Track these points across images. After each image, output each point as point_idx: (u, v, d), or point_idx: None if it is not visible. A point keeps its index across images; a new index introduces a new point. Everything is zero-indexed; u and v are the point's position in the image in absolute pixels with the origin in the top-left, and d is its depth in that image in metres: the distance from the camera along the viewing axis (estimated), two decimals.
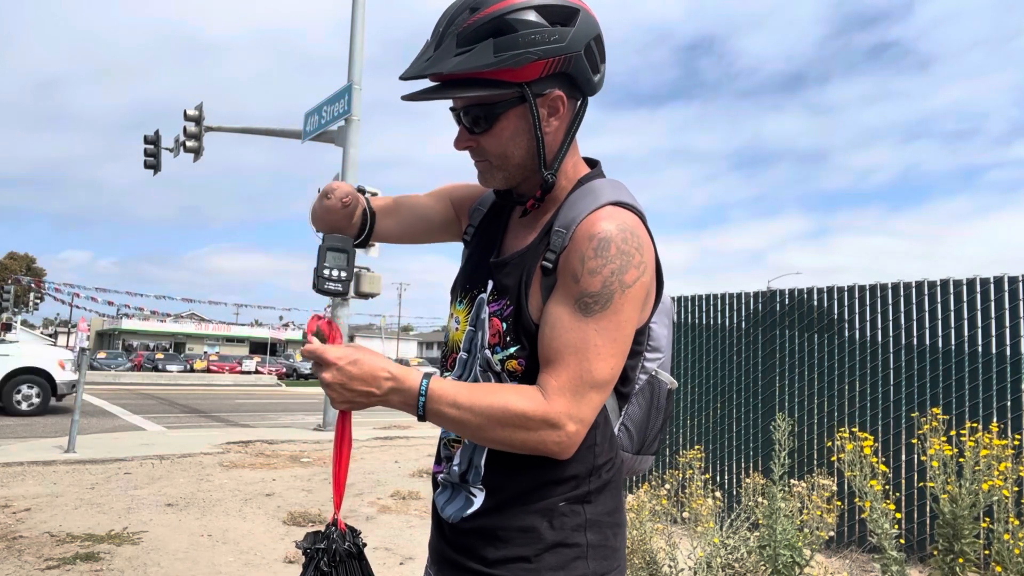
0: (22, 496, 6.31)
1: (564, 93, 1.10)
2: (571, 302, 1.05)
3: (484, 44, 1.04)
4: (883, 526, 3.69)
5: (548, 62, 1.06)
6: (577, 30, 1.07)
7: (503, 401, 1.04)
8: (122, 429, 12.45)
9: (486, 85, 1.07)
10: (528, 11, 1.04)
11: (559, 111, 1.11)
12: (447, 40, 1.06)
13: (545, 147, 1.12)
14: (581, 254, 1.06)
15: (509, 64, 1.04)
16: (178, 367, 41.90)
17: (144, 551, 4.78)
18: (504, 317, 1.14)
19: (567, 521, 1.12)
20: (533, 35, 1.04)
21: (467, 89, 1.07)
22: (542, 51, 1.05)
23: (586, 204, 1.10)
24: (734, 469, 6.22)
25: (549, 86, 1.09)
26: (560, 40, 1.05)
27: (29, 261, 60.47)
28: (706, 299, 6.71)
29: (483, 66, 1.04)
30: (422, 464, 8.85)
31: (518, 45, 1.04)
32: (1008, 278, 4.93)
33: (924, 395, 5.19)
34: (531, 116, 1.10)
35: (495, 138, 1.12)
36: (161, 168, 16.96)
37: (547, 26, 1.05)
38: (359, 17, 13.62)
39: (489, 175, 1.17)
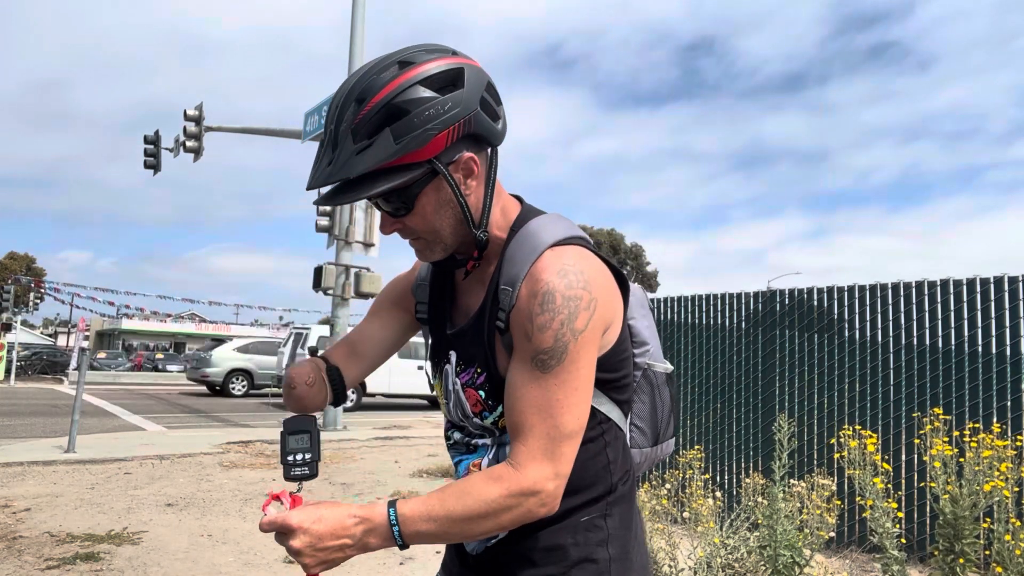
0: (22, 496, 6.31)
1: (473, 152, 1.09)
2: (527, 362, 1.05)
3: (382, 135, 1.02)
4: (884, 525, 3.69)
5: (449, 131, 1.04)
6: (467, 89, 1.06)
7: (478, 495, 1.03)
8: (122, 429, 12.45)
9: (396, 173, 1.05)
10: (414, 88, 1.03)
11: (474, 171, 1.10)
12: (342, 140, 1.04)
13: (470, 209, 1.11)
14: (528, 312, 1.05)
15: (412, 147, 1.03)
16: (178, 367, 41.86)
17: (144, 551, 4.78)
18: (478, 385, 1.15)
19: (591, 536, 1.15)
20: (427, 111, 1.02)
21: (378, 183, 1.05)
22: (441, 123, 1.03)
23: (525, 255, 1.09)
24: (734, 469, 6.22)
25: (457, 152, 1.07)
26: (455, 106, 1.04)
27: (29, 261, 60.45)
28: (706, 299, 6.71)
29: (387, 157, 1.03)
30: (422, 464, 8.85)
31: (415, 126, 1.02)
32: (1008, 278, 4.92)
33: (924, 395, 5.18)
34: (448, 186, 1.09)
35: (419, 217, 1.11)
36: (161, 168, 16.96)
37: (438, 97, 1.03)
38: (359, 17, 13.62)
39: (427, 251, 1.16)
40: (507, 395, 1.08)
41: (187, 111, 16.04)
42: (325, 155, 1.06)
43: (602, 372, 1.13)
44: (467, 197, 1.11)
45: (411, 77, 1.03)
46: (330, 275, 13.00)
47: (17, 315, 40.33)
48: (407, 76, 1.03)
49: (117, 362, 40.56)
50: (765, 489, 4.12)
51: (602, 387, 1.15)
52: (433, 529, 1.04)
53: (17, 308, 44.37)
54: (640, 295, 1.30)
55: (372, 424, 14.06)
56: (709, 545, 3.94)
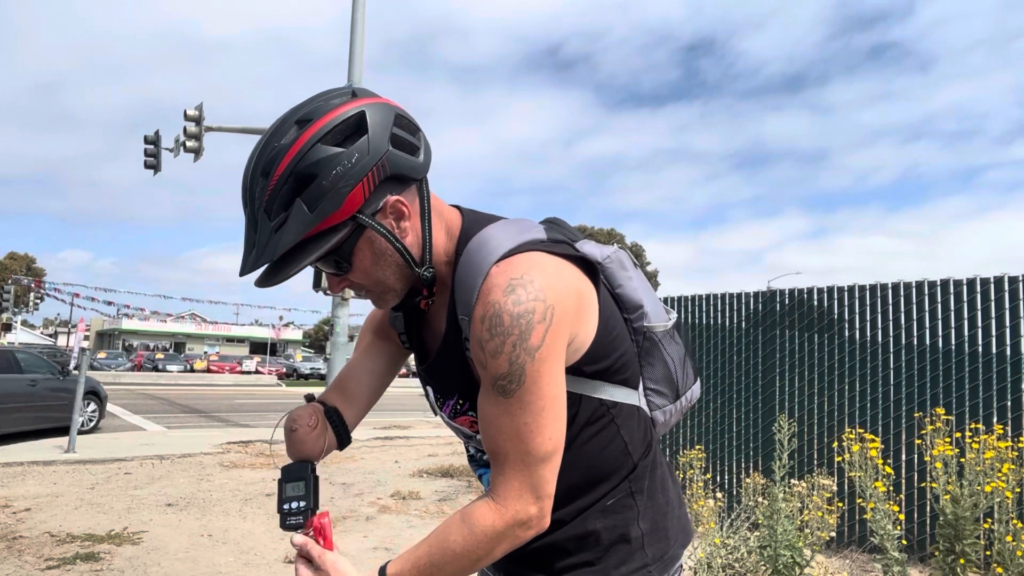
0: (22, 496, 6.31)
1: (398, 194, 1.03)
2: (489, 389, 1.02)
3: (295, 207, 0.98)
4: (885, 527, 3.69)
5: (364, 183, 0.99)
6: (372, 133, 1.00)
7: (464, 540, 1.01)
8: (122, 429, 12.46)
9: (321, 238, 1.01)
10: (316, 148, 0.98)
11: (404, 213, 1.04)
12: (260, 220, 1.00)
13: (409, 252, 1.07)
14: (479, 340, 1.00)
15: (329, 211, 0.98)
16: (178, 367, 41.90)
17: (144, 551, 4.78)
18: (465, 411, 1.14)
19: (620, 518, 1.14)
20: (333, 170, 0.97)
21: (306, 254, 1.00)
22: (352, 178, 0.98)
23: (472, 280, 1.03)
24: (734, 469, 6.22)
25: (380, 199, 1.02)
26: (363, 155, 0.98)
27: (29, 261, 60.48)
28: (706, 299, 6.71)
29: (305, 229, 0.98)
30: (422, 464, 8.85)
31: (325, 189, 0.97)
32: (1008, 278, 4.92)
33: (924, 395, 5.18)
34: (380, 235, 1.04)
35: (361, 272, 1.07)
36: (161, 168, 16.95)
37: (343, 151, 0.98)
38: (359, 17, 13.62)
39: (380, 301, 1.13)
40: (479, 424, 1.06)
41: (187, 111, 16.03)
42: (248, 238, 1.03)
43: (592, 365, 1.09)
44: (404, 239, 1.06)
45: (310, 138, 0.98)
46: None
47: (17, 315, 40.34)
48: (305, 137, 0.98)
49: (117, 362, 40.59)
50: (765, 489, 4.12)
51: (600, 376, 1.12)
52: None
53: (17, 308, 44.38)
54: (620, 259, 1.22)
55: (372, 424, 14.06)
56: (710, 545, 3.94)
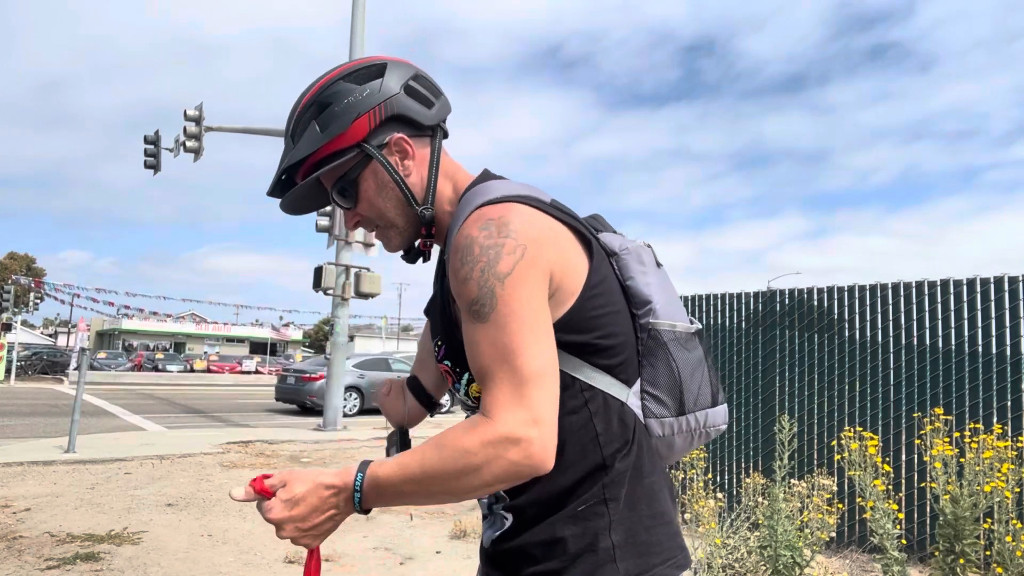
0: (22, 496, 6.31)
1: (405, 134, 1.14)
2: (467, 317, 1.04)
3: (309, 128, 1.13)
4: (885, 526, 3.69)
5: (370, 114, 1.12)
6: (387, 79, 1.14)
7: (454, 446, 0.98)
8: (122, 429, 12.45)
9: (329, 159, 1.13)
10: (336, 84, 1.13)
11: (408, 151, 1.15)
12: (286, 146, 1.16)
13: (410, 188, 1.15)
14: (454, 270, 1.05)
15: (336, 132, 1.11)
16: (178, 367, 41.91)
17: (144, 551, 4.78)
18: (442, 358, 1.19)
19: (590, 526, 1.07)
20: (347, 100, 1.11)
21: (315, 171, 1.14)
22: (360, 107, 1.11)
23: (457, 220, 1.11)
24: (734, 469, 6.22)
25: (386, 134, 1.14)
26: (373, 92, 1.12)
27: (29, 261, 60.47)
28: (706, 299, 6.71)
29: (315, 144, 1.12)
30: None
31: (336, 115, 1.11)
32: (1008, 278, 4.93)
33: (924, 395, 5.18)
34: (383, 167, 1.14)
35: (366, 202, 1.17)
36: (161, 168, 16.96)
37: (357, 87, 1.12)
38: (359, 17, 13.62)
39: (386, 239, 1.21)
40: (467, 353, 1.06)
41: (187, 111, 16.04)
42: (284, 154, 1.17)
43: (570, 334, 1.07)
44: (406, 177, 1.15)
45: (335, 76, 1.14)
46: (330, 275, 13.00)
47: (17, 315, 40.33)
48: (331, 76, 1.14)
49: (117, 362, 40.57)
50: (766, 489, 4.12)
51: (578, 352, 1.08)
52: (413, 490, 1.00)
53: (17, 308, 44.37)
54: (639, 253, 1.21)
55: (372, 424, 14.06)
56: (710, 546, 3.94)
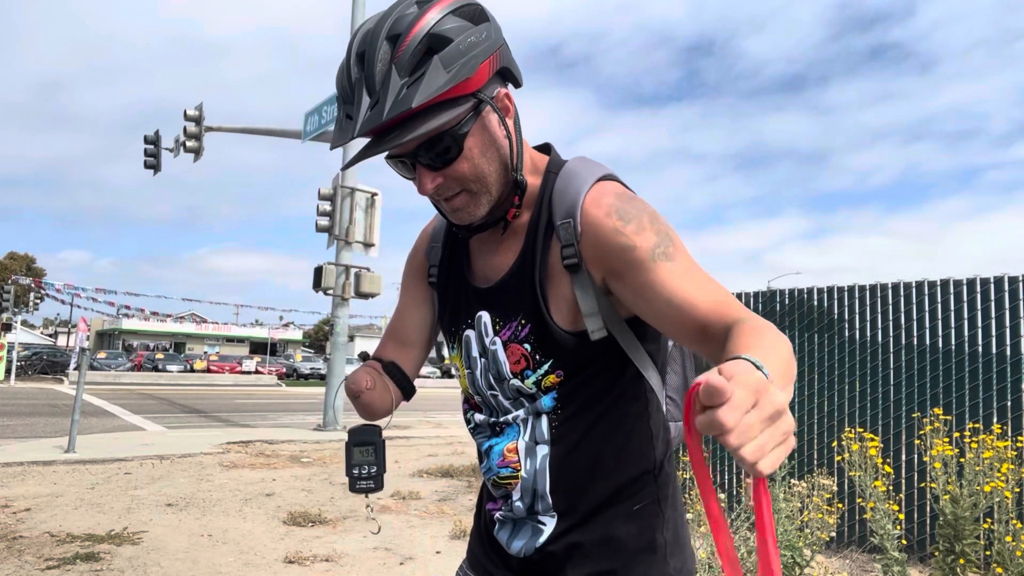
0: (22, 496, 6.31)
1: (507, 89, 1.06)
2: (652, 265, 0.97)
3: (431, 64, 0.94)
4: (885, 526, 3.69)
5: (491, 60, 0.99)
6: (492, 22, 1.02)
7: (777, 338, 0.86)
8: (122, 429, 12.45)
9: (443, 108, 0.97)
10: (448, 19, 0.97)
11: (510, 109, 1.06)
12: (384, 79, 0.94)
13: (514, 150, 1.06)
14: (614, 230, 0.99)
15: (463, 75, 0.96)
16: (178, 367, 41.89)
17: (144, 551, 4.78)
18: (522, 339, 1.07)
19: (647, 524, 1.08)
20: (469, 38, 0.97)
21: (429, 120, 0.96)
22: (484, 51, 0.98)
23: (576, 188, 1.04)
24: (734, 469, 6.22)
25: (495, 86, 1.03)
26: (490, 35, 1.00)
27: (29, 261, 60.45)
28: None
29: (442, 86, 0.94)
30: (422, 464, 8.85)
31: (461, 52, 0.96)
32: (1008, 278, 4.93)
33: (924, 395, 5.18)
34: (496, 122, 1.03)
35: (467, 161, 1.01)
36: (161, 168, 16.96)
37: (473, 26, 0.98)
38: (359, 17, 13.62)
39: (472, 206, 1.05)
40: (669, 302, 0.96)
41: (187, 111, 16.04)
42: (362, 102, 0.95)
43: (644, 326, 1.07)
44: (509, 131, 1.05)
45: (441, 8, 0.97)
46: (330, 275, 12.99)
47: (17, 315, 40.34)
48: (437, 7, 0.97)
49: (117, 362, 40.55)
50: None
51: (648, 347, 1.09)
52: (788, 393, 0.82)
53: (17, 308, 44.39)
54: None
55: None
56: (711, 546, 3.94)
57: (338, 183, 13.14)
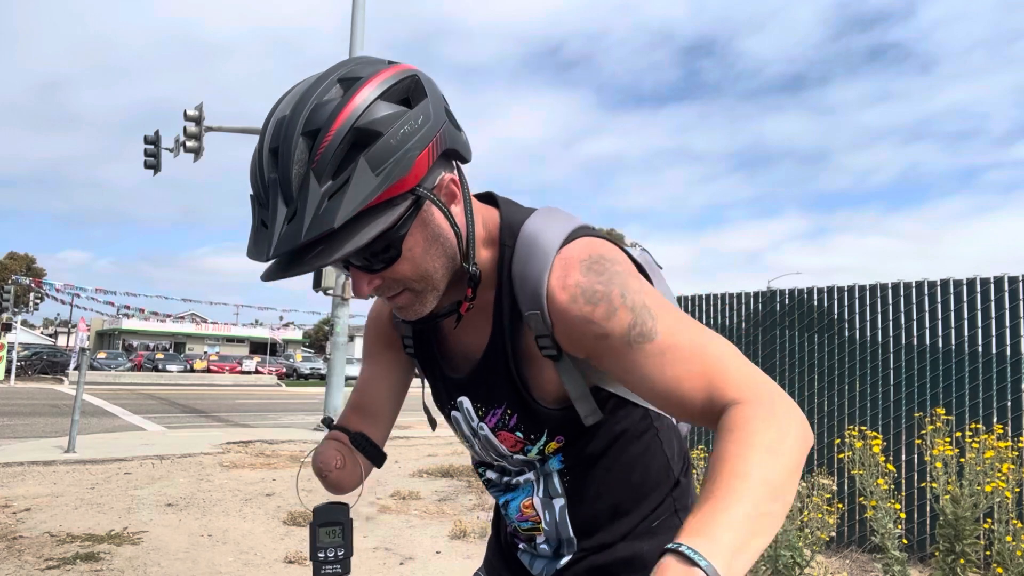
0: (22, 496, 6.31)
1: (452, 172, 0.93)
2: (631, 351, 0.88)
3: (357, 167, 0.81)
4: (887, 526, 3.69)
5: (429, 150, 0.86)
6: (430, 98, 0.88)
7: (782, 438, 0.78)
8: (122, 429, 12.45)
9: (378, 213, 0.84)
10: (377, 105, 0.83)
11: (456, 194, 0.93)
12: (301, 186, 0.81)
13: (462, 239, 0.95)
14: (583, 317, 0.90)
15: (397, 176, 0.83)
16: (178, 367, 41.89)
17: (144, 551, 4.78)
18: (512, 427, 1.03)
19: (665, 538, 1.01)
20: (402, 129, 0.83)
21: (358, 233, 0.83)
22: (420, 141, 0.85)
23: (536, 272, 0.93)
24: None
25: (436, 175, 0.89)
26: (427, 119, 0.86)
27: (29, 261, 60.45)
28: (706, 299, 6.71)
29: (371, 193, 0.81)
30: (422, 464, 8.85)
31: (393, 148, 0.82)
32: (1008, 278, 4.93)
33: (924, 395, 5.18)
34: (439, 215, 0.91)
35: (408, 262, 0.90)
36: (161, 168, 16.95)
37: (407, 110, 0.85)
38: (359, 17, 13.62)
39: (417, 304, 0.95)
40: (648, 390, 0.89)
41: (187, 111, 16.03)
42: (277, 211, 0.82)
43: None
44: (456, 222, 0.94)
45: (369, 92, 0.83)
46: (330, 275, 12.99)
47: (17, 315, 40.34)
48: (363, 91, 0.83)
49: (117, 362, 40.56)
50: None
51: None
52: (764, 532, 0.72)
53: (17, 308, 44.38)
54: (648, 260, 1.15)
55: None
56: None
57: None
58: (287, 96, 0.87)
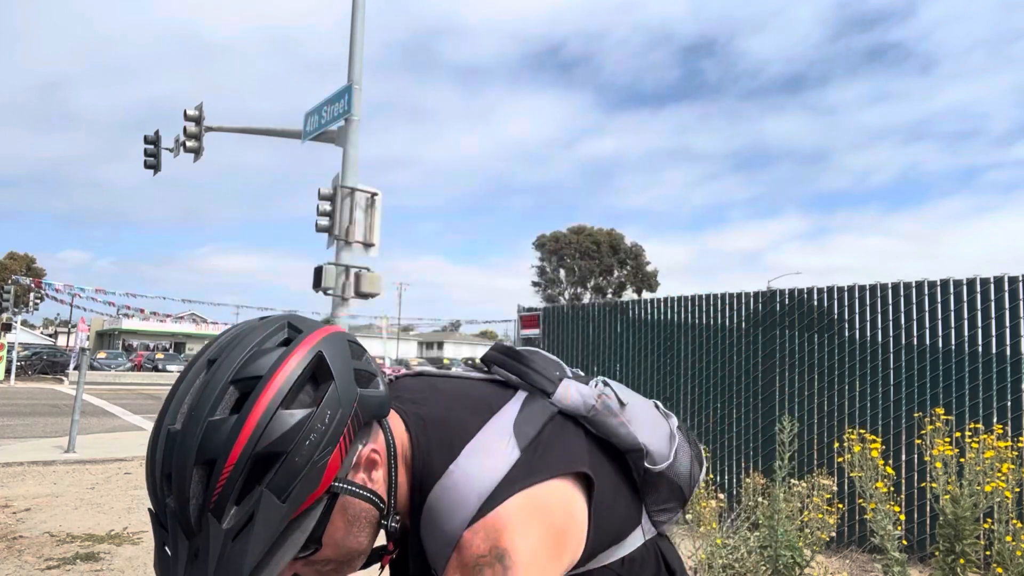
0: (22, 496, 6.31)
1: (368, 440, 0.85)
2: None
3: (260, 501, 0.74)
4: (886, 527, 3.69)
5: (341, 444, 0.79)
6: (339, 377, 0.80)
7: None
8: (122, 429, 12.45)
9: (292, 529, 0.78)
10: (277, 420, 0.75)
11: (377, 461, 0.86)
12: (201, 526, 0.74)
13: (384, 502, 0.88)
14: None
15: (306, 494, 0.77)
16: (178, 367, 41.87)
17: (144, 551, 4.78)
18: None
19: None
20: (307, 439, 0.76)
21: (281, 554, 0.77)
22: (329, 443, 0.77)
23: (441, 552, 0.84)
24: (734, 469, 6.22)
25: (353, 455, 0.83)
26: (334, 409, 0.78)
27: (29, 261, 60.45)
28: (706, 299, 6.71)
29: (279, 528, 0.75)
30: None
31: (299, 467, 0.75)
32: (1008, 278, 4.93)
33: (924, 395, 5.19)
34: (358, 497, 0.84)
35: (332, 547, 0.85)
36: (161, 168, 16.92)
37: (312, 411, 0.77)
38: (359, 17, 13.61)
39: (348, 568, 0.90)
40: None
41: (187, 111, 16.01)
42: (178, 545, 0.75)
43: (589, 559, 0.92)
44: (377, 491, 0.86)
45: (267, 406, 0.75)
46: (330, 275, 12.98)
47: (17, 315, 40.35)
48: (262, 407, 0.75)
49: (117, 362, 40.58)
50: (766, 489, 4.12)
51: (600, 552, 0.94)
52: None
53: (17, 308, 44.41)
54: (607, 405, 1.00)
55: None
56: (711, 546, 3.94)
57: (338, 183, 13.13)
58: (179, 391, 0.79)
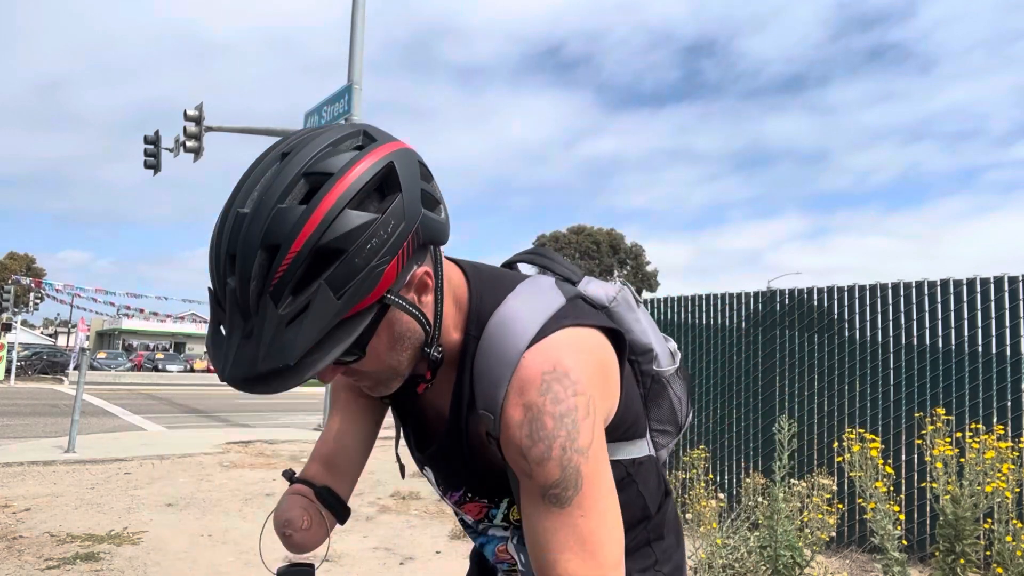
0: (22, 496, 6.31)
1: (423, 263, 0.87)
2: (539, 500, 0.86)
3: (317, 293, 0.76)
4: (886, 527, 3.69)
5: (399, 255, 0.80)
6: (406, 191, 0.81)
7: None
8: (122, 429, 12.45)
9: (342, 329, 0.79)
10: (343, 217, 0.76)
11: (428, 285, 0.88)
12: (258, 307, 0.76)
13: (431, 329, 0.91)
14: (519, 446, 0.86)
15: (360, 297, 0.78)
16: (178, 367, 41.90)
17: (144, 551, 4.78)
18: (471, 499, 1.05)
19: (636, 566, 1.07)
20: (369, 243, 0.77)
21: (328, 349, 0.79)
22: (389, 252, 0.79)
23: (498, 373, 0.88)
24: (734, 469, 6.22)
25: (408, 272, 0.84)
26: (399, 221, 0.79)
27: (29, 261, 60.45)
28: (706, 299, 6.71)
29: (331, 322, 0.77)
30: None
31: (358, 268, 0.77)
32: (1008, 278, 4.93)
33: (924, 395, 5.18)
34: (407, 313, 0.86)
35: (373, 359, 0.87)
36: (161, 168, 16.95)
37: (376, 217, 0.78)
38: (359, 17, 13.62)
39: (381, 387, 0.94)
40: (530, 539, 0.88)
41: (187, 111, 16.03)
42: (234, 328, 0.79)
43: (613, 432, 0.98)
44: (425, 316, 0.89)
45: (335, 203, 0.76)
46: None
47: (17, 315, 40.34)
48: (330, 202, 0.76)
49: (117, 362, 40.57)
50: (766, 489, 4.12)
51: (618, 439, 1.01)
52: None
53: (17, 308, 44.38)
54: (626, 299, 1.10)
55: None
56: (711, 545, 3.94)
57: None
58: (249, 178, 0.81)
